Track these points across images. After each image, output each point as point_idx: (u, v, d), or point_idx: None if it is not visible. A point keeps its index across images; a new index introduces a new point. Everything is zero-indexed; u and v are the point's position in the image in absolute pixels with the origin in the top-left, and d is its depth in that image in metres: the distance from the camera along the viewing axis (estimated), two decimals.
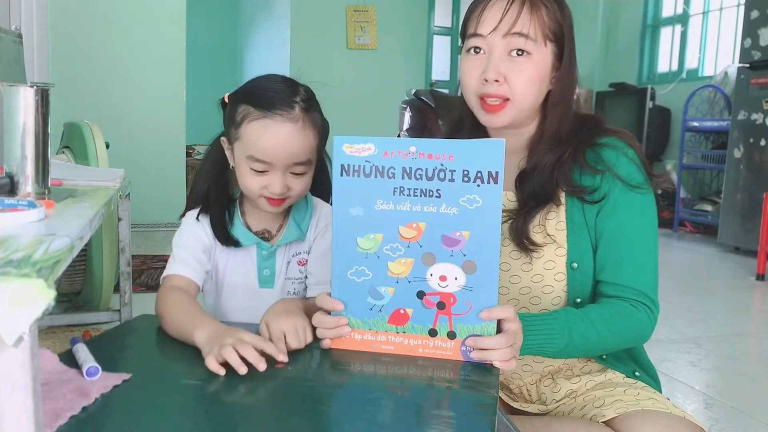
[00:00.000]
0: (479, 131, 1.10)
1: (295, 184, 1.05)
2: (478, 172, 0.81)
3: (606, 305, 0.99)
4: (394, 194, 0.84)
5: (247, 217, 1.13)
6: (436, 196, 0.83)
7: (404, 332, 0.88)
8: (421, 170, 0.82)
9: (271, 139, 1.00)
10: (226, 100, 1.09)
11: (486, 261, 0.83)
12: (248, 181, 1.04)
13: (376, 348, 0.90)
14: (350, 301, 0.89)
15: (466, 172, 0.81)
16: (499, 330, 0.86)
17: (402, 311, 0.88)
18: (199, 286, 1.09)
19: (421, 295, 0.86)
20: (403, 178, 0.83)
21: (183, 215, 1.14)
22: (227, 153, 1.10)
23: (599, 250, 1.02)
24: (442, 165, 0.82)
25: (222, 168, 1.12)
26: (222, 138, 1.11)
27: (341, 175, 0.85)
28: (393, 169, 0.83)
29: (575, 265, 1.02)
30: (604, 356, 1.06)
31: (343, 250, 0.87)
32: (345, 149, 0.84)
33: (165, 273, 1.08)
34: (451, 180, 0.82)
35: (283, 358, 0.84)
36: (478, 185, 0.81)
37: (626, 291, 1.00)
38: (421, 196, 0.83)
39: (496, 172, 0.81)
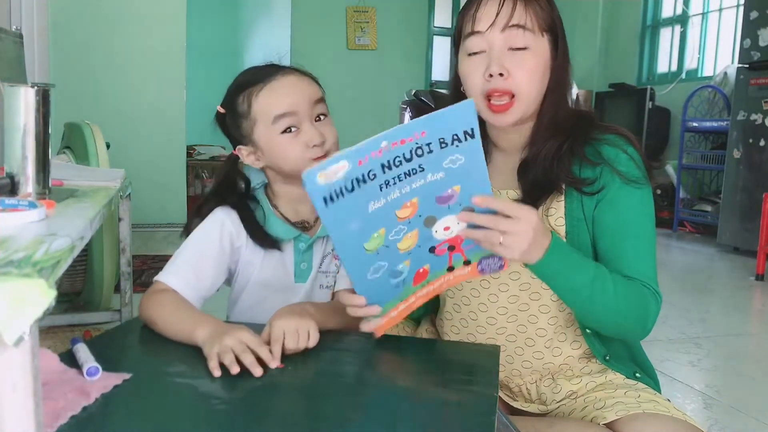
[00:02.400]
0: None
1: (326, 131, 1.06)
2: (453, 135, 0.80)
3: (609, 272, 0.99)
4: (381, 191, 0.83)
5: (282, 209, 1.11)
6: (420, 171, 0.82)
7: (428, 282, 0.92)
8: (399, 157, 0.81)
9: (284, 91, 1.05)
10: (222, 110, 1.09)
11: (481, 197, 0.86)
12: (288, 149, 1.04)
13: (410, 309, 0.94)
14: (377, 293, 0.90)
15: (442, 140, 0.81)
16: None
17: (421, 270, 0.91)
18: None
19: (432, 249, 0.89)
20: (384, 173, 0.82)
21: (186, 227, 1.10)
22: (250, 159, 1.08)
23: (599, 243, 1.02)
24: (417, 143, 0.81)
25: (234, 186, 1.12)
26: (238, 148, 1.09)
27: (326, 205, 0.80)
28: (372, 171, 0.81)
29: None
30: (607, 357, 1.06)
31: (353, 260, 0.87)
32: (320, 179, 0.78)
33: (157, 277, 1.04)
34: (430, 152, 0.81)
35: (274, 364, 0.84)
36: (457, 146, 0.81)
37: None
38: (405, 178, 0.82)
39: (472, 129, 0.80)
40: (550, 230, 0.91)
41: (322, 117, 1.07)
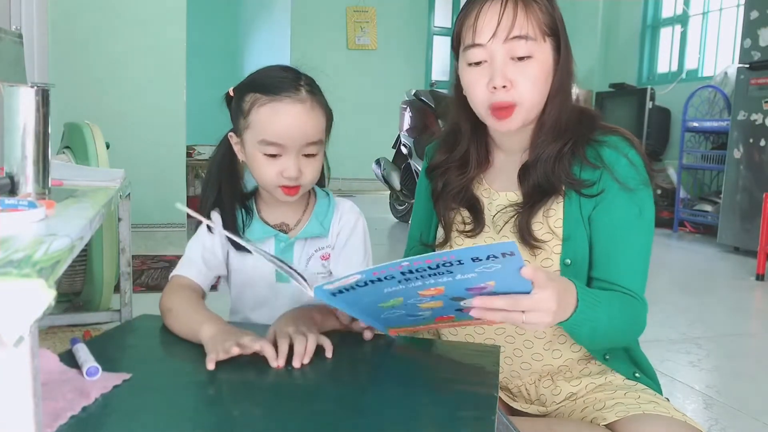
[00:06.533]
0: (479, 135, 1.10)
1: (307, 168, 1.04)
2: (489, 255, 0.73)
3: (609, 293, 0.99)
4: (400, 283, 0.79)
5: (263, 213, 1.12)
6: (448, 273, 0.76)
7: (451, 323, 0.91)
8: (423, 270, 0.76)
9: (281, 121, 1.01)
10: (231, 93, 1.09)
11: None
12: (263, 169, 1.04)
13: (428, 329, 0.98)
14: (390, 320, 0.92)
15: (475, 258, 0.73)
16: None
17: (446, 317, 0.89)
18: (204, 290, 1.10)
19: (459, 309, 0.85)
20: (404, 275, 0.77)
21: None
22: (236, 149, 1.09)
23: (594, 246, 1.02)
24: (444, 261, 0.74)
25: (231, 168, 1.12)
26: (230, 134, 1.10)
27: (333, 296, 0.82)
28: (392, 276, 0.77)
29: (568, 261, 1.02)
30: (607, 356, 1.06)
31: (365, 313, 0.89)
32: (327, 288, 0.80)
33: (173, 272, 1.10)
34: (461, 264, 0.74)
35: (278, 363, 0.84)
36: (493, 260, 0.74)
37: (616, 288, 1.00)
38: (429, 277, 0.77)
39: (511, 251, 0.72)
40: (570, 287, 0.88)
41: (311, 153, 1.04)
